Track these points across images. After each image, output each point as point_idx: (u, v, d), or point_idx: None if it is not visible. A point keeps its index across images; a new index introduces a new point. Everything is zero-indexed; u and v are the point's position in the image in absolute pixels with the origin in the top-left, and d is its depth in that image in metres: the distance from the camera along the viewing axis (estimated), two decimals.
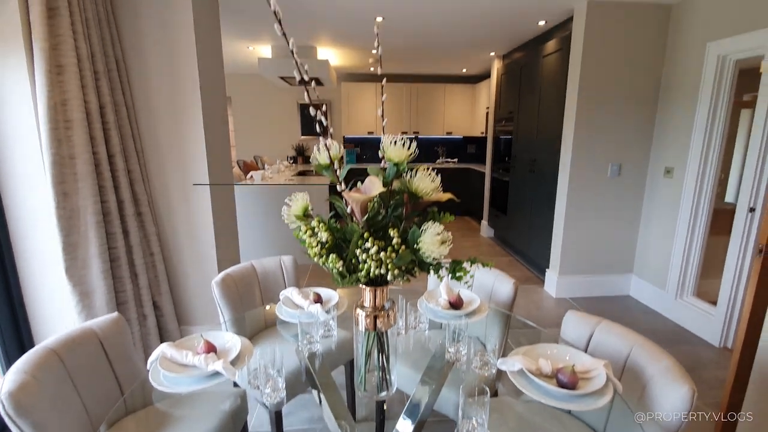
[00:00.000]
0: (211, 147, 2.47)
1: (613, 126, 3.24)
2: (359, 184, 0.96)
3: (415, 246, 0.87)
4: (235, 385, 1.45)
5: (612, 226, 3.44)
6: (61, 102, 1.85)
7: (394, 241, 0.86)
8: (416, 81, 6.65)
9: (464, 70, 6.32)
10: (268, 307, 1.85)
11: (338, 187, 0.90)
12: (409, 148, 0.89)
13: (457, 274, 0.95)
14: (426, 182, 0.90)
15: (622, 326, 1.31)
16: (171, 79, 2.29)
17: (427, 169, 0.93)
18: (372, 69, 6.21)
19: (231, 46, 4.58)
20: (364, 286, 1.00)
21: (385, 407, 1.28)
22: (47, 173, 1.82)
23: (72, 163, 1.90)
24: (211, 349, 1.16)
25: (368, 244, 0.84)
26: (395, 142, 0.89)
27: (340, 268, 0.91)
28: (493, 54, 5.02)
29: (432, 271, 0.93)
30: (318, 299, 1.51)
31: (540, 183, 3.93)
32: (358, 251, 0.87)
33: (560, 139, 3.42)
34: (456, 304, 1.51)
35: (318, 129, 0.87)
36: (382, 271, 0.84)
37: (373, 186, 0.87)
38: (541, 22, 3.62)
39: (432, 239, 0.84)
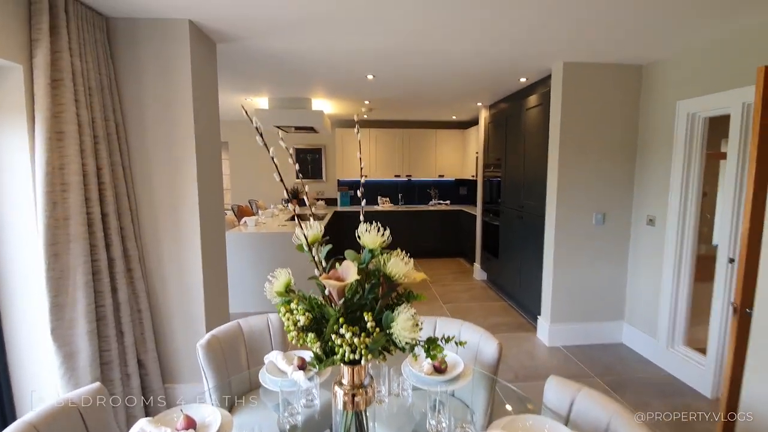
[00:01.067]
0: (204, 203, 2.53)
1: (595, 176, 3.36)
2: (338, 265, 1.01)
3: (388, 331, 0.90)
4: None
5: (600, 273, 3.49)
6: (59, 166, 1.92)
7: (369, 324, 0.90)
8: (408, 126, 6.90)
9: (454, 117, 6.58)
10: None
11: (316, 271, 0.95)
12: (383, 234, 0.95)
13: (432, 353, 0.98)
14: (399, 266, 0.95)
15: (602, 394, 1.33)
16: (168, 138, 2.38)
17: (402, 252, 0.98)
18: (365, 116, 6.45)
19: (229, 98, 4.78)
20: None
21: None
22: (40, 235, 1.85)
23: (66, 224, 1.94)
24: (190, 424, 1.16)
25: (342, 330, 0.88)
26: (369, 230, 0.94)
27: (317, 350, 0.94)
28: (480, 104, 5.26)
29: (407, 351, 0.96)
30: (302, 364, 1.52)
31: (528, 229, 4.01)
32: (333, 336, 0.90)
33: (545, 188, 3.53)
34: (440, 368, 1.52)
35: (279, 178, 0.93)
36: (356, 356, 0.87)
37: (350, 272, 0.92)
38: (522, 79, 3.84)
39: (404, 324, 0.88)
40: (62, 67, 1.90)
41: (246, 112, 0.81)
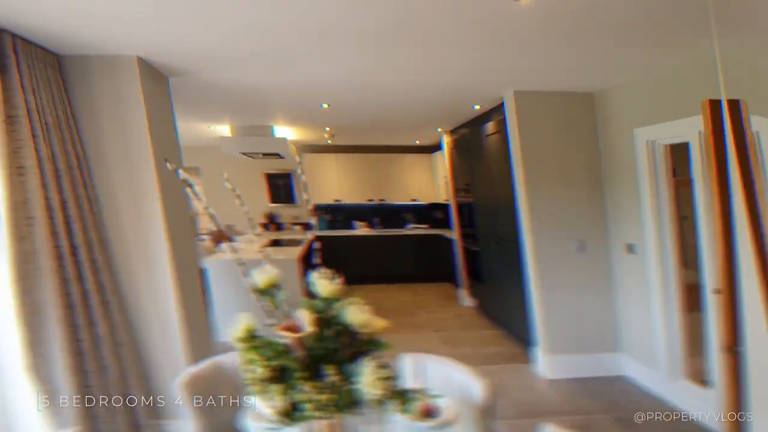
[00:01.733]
0: (174, 232, 2.47)
1: (565, 203, 3.28)
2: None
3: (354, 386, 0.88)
4: None
5: (586, 303, 3.33)
6: (22, 200, 1.90)
7: (332, 378, 0.87)
8: (375, 151, 6.85)
9: (416, 142, 6.59)
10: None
11: (268, 320, 0.93)
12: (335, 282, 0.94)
13: (406, 407, 0.96)
14: (357, 315, 0.93)
15: None
16: (129, 170, 2.34)
17: (360, 301, 0.97)
18: (329, 141, 6.40)
19: (194, 126, 4.71)
20: None
21: None
22: (8, 271, 1.81)
23: (34, 258, 1.91)
24: None
25: (306, 387, 0.85)
26: (321, 278, 0.93)
27: (282, 406, 0.90)
28: (440, 130, 5.30)
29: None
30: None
31: (506, 254, 3.92)
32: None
33: (516, 213, 3.45)
34: (429, 413, 1.46)
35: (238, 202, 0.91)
36: (323, 415, 0.85)
37: (305, 322, 0.90)
38: (476, 107, 3.90)
39: (370, 379, 0.86)
40: (16, 104, 1.89)
41: (168, 164, 0.80)
